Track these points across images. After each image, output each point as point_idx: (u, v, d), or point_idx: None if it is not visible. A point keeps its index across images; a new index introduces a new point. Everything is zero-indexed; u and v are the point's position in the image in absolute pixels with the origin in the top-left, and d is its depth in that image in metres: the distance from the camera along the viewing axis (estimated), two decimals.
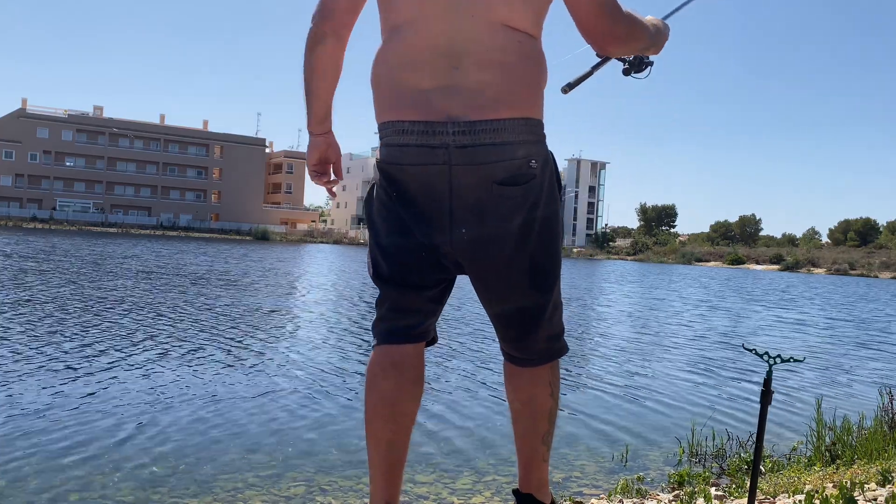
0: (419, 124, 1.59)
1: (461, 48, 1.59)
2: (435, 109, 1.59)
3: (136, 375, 6.11)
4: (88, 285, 13.87)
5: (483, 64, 1.59)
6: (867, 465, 3.70)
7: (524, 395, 1.84)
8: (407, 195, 1.65)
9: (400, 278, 1.72)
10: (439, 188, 1.61)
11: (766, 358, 2.12)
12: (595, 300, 19.80)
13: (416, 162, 1.61)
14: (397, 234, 1.69)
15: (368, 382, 1.74)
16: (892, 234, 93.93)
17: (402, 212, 1.66)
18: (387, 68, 1.66)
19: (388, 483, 1.73)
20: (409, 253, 1.69)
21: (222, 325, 9.64)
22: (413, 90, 1.61)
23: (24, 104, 79.70)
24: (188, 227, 79.60)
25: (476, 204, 1.61)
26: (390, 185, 1.67)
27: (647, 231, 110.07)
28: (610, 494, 3.63)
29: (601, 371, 7.92)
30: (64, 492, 3.46)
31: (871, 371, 9.15)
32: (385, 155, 1.66)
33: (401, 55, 1.63)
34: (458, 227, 1.63)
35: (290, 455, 4.23)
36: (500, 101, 1.59)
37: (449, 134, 1.58)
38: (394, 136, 1.63)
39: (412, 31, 1.61)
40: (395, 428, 1.72)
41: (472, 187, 1.60)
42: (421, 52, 1.61)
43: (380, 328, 1.77)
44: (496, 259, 1.67)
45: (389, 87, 1.65)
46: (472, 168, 1.59)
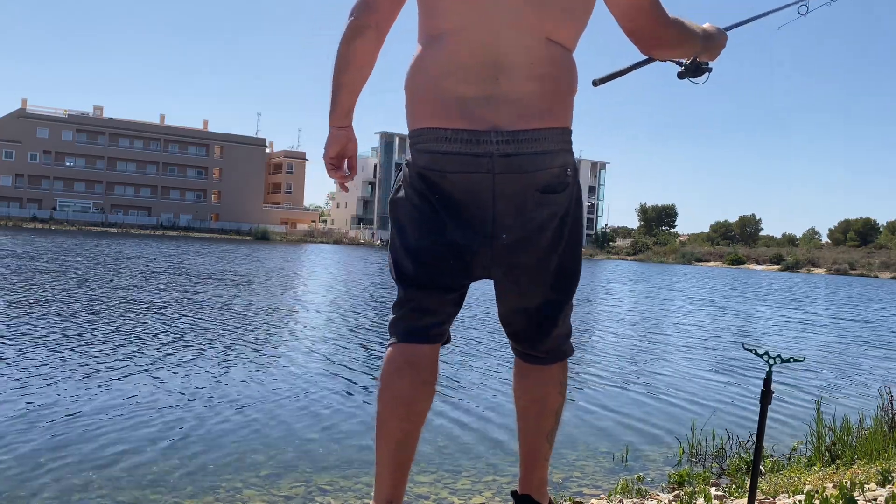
0: (462, 133, 1.62)
1: (505, 59, 1.63)
2: (478, 118, 1.62)
3: (136, 375, 6.11)
4: (104, 286, 13.88)
5: (526, 76, 1.63)
6: (867, 465, 3.70)
7: (535, 393, 1.88)
8: (448, 201, 1.67)
9: (426, 280, 1.73)
10: (483, 195, 1.65)
11: (766, 358, 2.12)
12: (595, 300, 19.79)
13: (459, 169, 1.64)
14: (428, 237, 1.70)
15: (384, 381, 1.74)
16: (892, 234, 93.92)
17: (442, 216, 1.68)
18: (427, 76, 1.67)
19: (395, 482, 1.74)
20: (438, 256, 1.70)
21: (224, 326, 9.64)
22: (456, 99, 1.63)
23: (24, 104, 79.70)
24: (188, 227, 79.59)
25: (518, 211, 1.66)
26: (430, 190, 1.68)
27: (647, 231, 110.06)
28: (610, 494, 3.63)
29: (601, 371, 7.92)
30: (64, 492, 3.46)
31: (871, 371, 9.15)
32: (425, 161, 1.67)
33: (443, 63, 1.64)
34: (500, 233, 1.68)
35: (290, 455, 4.23)
36: (541, 111, 1.65)
37: (492, 143, 1.62)
38: (435, 143, 1.65)
39: (456, 40, 1.63)
40: (407, 427, 1.73)
41: (514, 195, 1.65)
42: (465, 61, 1.63)
43: (398, 327, 1.77)
44: (530, 262, 1.73)
45: (430, 95, 1.66)
46: (516, 176, 1.64)
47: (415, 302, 1.75)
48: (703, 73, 2.01)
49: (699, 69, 2.00)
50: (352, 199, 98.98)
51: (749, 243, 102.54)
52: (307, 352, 8.05)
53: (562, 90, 1.68)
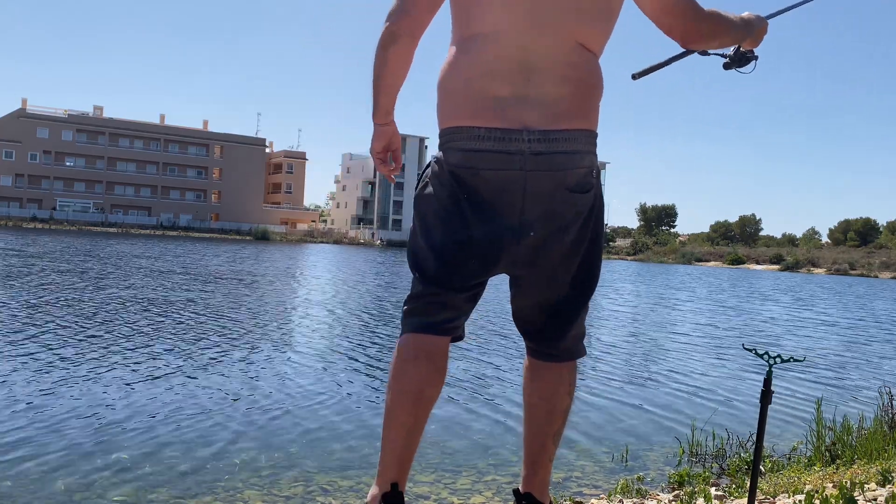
0: (496, 131, 1.66)
1: (538, 62, 1.68)
2: (511, 118, 1.67)
3: (136, 375, 6.11)
4: (115, 285, 13.88)
5: (558, 79, 1.69)
6: (867, 465, 3.70)
7: (545, 391, 1.92)
8: (478, 198, 1.70)
9: (446, 278, 1.76)
10: (514, 193, 1.69)
11: (766, 358, 2.12)
12: (595, 300, 19.80)
13: (492, 167, 1.68)
14: (453, 236, 1.73)
15: (396, 368, 1.77)
16: (892, 234, 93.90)
17: (470, 214, 1.71)
18: (461, 76, 1.71)
19: (401, 465, 1.78)
20: (462, 255, 1.73)
21: (224, 326, 9.64)
22: (490, 99, 1.67)
23: (24, 104, 79.71)
24: (188, 227, 79.58)
25: (547, 209, 1.71)
26: (460, 188, 1.71)
27: (647, 231, 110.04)
28: (610, 494, 3.63)
29: (601, 371, 7.92)
30: (64, 491, 3.46)
31: (872, 371, 9.15)
32: (457, 159, 1.71)
33: (480, 64, 1.69)
34: (528, 230, 1.71)
35: (290, 455, 4.23)
36: (571, 113, 1.70)
37: (524, 141, 1.67)
38: (468, 142, 1.68)
39: (493, 42, 1.68)
40: (418, 413, 1.76)
41: (544, 193, 1.70)
42: (501, 63, 1.68)
43: (413, 319, 1.80)
44: (555, 260, 1.78)
45: (464, 95, 1.70)
46: (546, 174, 1.69)
47: (432, 297, 1.78)
48: (749, 62, 2.03)
49: (744, 58, 2.02)
50: (352, 199, 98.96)
51: (749, 243, 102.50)
52: (307, 352, 8.05)
53: (591, 94, 1.74)
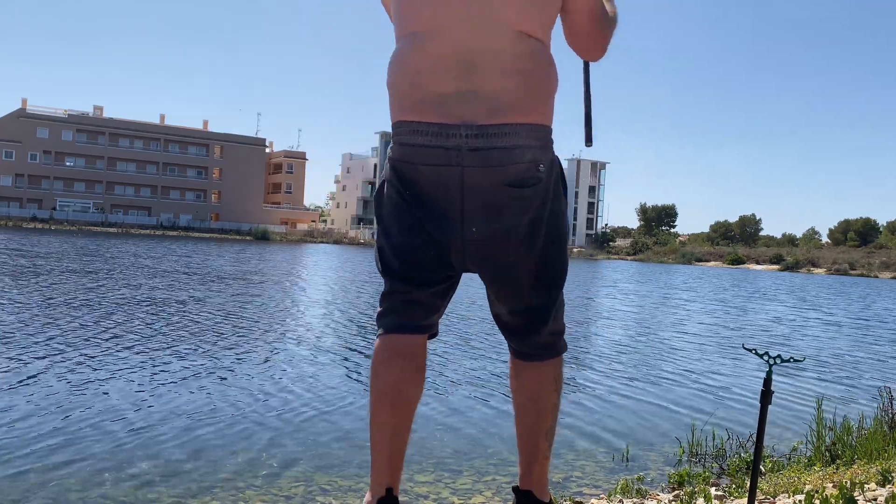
0: (434, 126, 1.66)
1: (480, 55, 1.67)
2: (450, 113, 1.66)
3: (136, 375, 6.11)
4: (117, 286, 13.88)
5: (501, 71, 1.67)
6: (867, 465, 3.70)
7: (530, 390, 1.89)
8: (420, 194, 1.71)
9: (409, 275, 1.76)
10: (452, 188, 1.68)
11: (766, 358, 2.12)
12: (596, 300, 19.81)
13: (429, 162, 1.68)
14: (408, 233, 1.73)
15: (374, 370, 1.77)
16: (892, 234, 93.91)
17: (415, 210, 1.72)
18: (406, 72, 1.72)
19: (392, 468, 1.77)
20: (419, 251, 1.74)
21: (226, 325, 9.64)
22: (432, 94, 1.68)
23: (24, 104, 79.68)
24: (188, 227, 79.55)
25: (486, 204, 1.68)
26: (402, 184, 1.73)
27: (647, 231, 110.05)
28: (610, 494, 3.63)
29: (601, 371, 7.92)
30: (64, 491, 3.46)
31: (872, 370, 9.15)
32: (399, 153, 1.73)
33: (421, 60, 1.70)
34: (469, 227, 1.70)
35: (290, 455, 4.23)
36: (514, 106, 1.67)
37: (462, 136, 1.65)
38: (408, 136, 1.70)
39: (433, 38, 1.69)
40: (400, 413, 1.75)
41: (482, 188, 1.68)
42: (441, 58, 1.68)
43: (386, 319, 1.80)
44: (505, 258, 1.75)
45: (408, 90, 1.71)
46: (484, 170, 1.66)
47: (401, 294, 1.79)
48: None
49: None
50: (352, 199, 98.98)
51: (749, 243, 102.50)
52: (308, 351, 8.05)
53: (537, 86, 1.70)
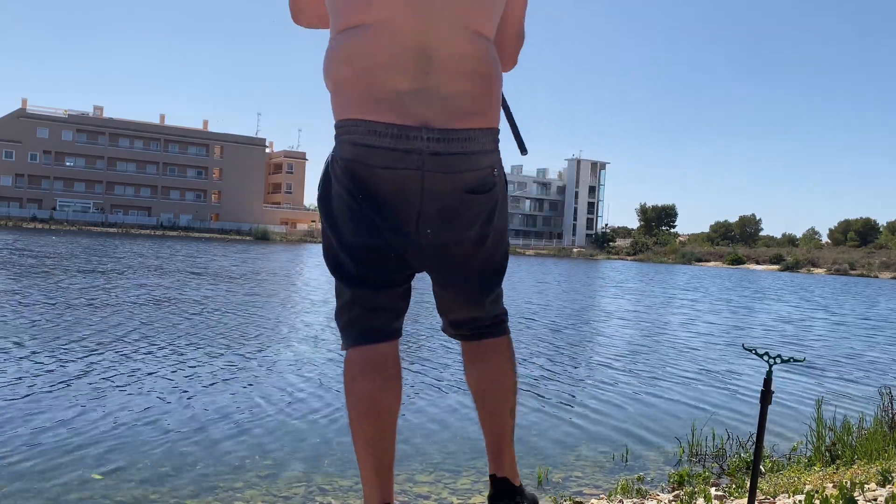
0: (393, 127, 1.58)
1: (436, 52, 1.60)
2: (409, 113, 1.59)
3: (137, 374, 6.11)
4: (128, 285, 13.88)
5: (458, 72, 1.62)
6: (867, 465, 3.70)
7: (492, 372, 1.87)
8: (374, 195, 1.63)
9: (371, 277, 1.70)
10: (410, 192, 1.62)
11: (766, 358, 2.12)
12: (596, 300, 19.80)
13: (387, 165, 1.60)
14: (366, 234, 1.66)
15: (348, 385, 1.71)
16: (892, 234, 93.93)
17: (368, 211, 1.64)
18: (355, 66, 1.62)
19: (383, 482, 1.73)
20: (378, 252, 1.68)
21: (227, 325, 9.64)
22: (387, 91, 1.59)
23: (24, 104, 79.69)
24: (188, 227, 79.55)
25: (444, 208, 1.66)
26: (355, 184, 1.64)
27: (647, 231, 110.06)
28: (610, 494, 3.63)
29: (601, 371, 7.92)
30: (64, 491, 3.46)
31: (872, 370, 9.15)
32: (352, 153, 1.62)
33: (373, 54, 1.60)
34: (425, 229, 1.67)
35: (290, 455, 4.23)
36: (472, 111, 1.64)
37: (423, 140, 1.59)
38: (364, 136, 1.60)
39: (386, 30, 1.60)
40: (381, 426, 1.71)
41: (441, 193, 1.64)
42: (398, 52, 1.59)
43: (352, 330, 1.73)
44: (457, 258, 1.75)
45: (359, 86, 1.61)
46: (444, 175, 1.63)
47: (363, 301, 1.72)
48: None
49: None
50: None
51: (749, 243, 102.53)
52: (308, 351, 8.05)
53: (491, 89, 1.68)
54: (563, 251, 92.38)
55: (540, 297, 18.57)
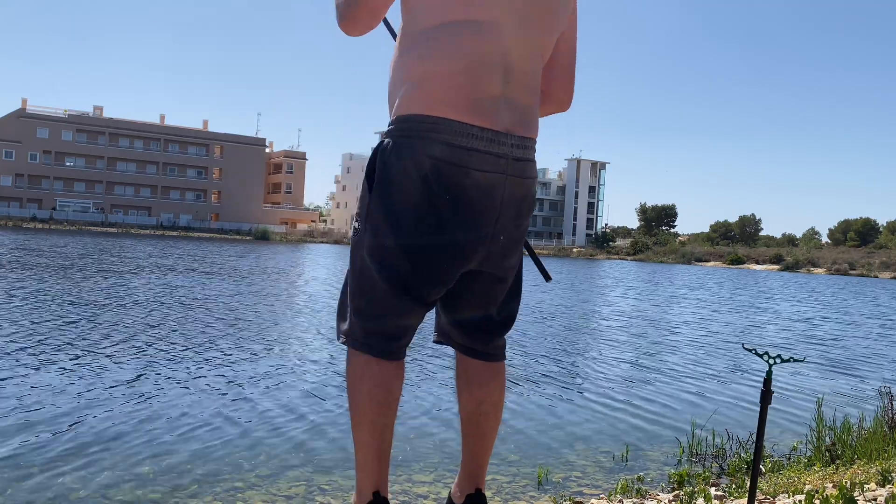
0: (488, 132, 1.62)
1: (517, 64, 1.66)
2: (499, 118, 1.64)
3: (137, 373, 6.11)
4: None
5: (527, 86, 1.70)
6: (867, 465, 3.70)
7: (496, 396, 1.91)
8: (463, 197, 1.62)
9: (417, 279, 1.66)
10: (495, 196, 1.65)
11: (766, 358, 2.12)
12: (596, 300, 19.80)
13: (482, 168, 1.62)
14: (431, 232, 1.63)
15: (360, 371, 1.71)
16: (892, 234, 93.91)
17: (449, 212, 1.62)
18: (453, 61, 1.60)
19: (381, 468, 1.76)
20: (440, 249, 1.65)
21: (229, 325, 9.64)
22: (483, 94, 1.62)
23: (24, 104, 79.67)
24: (188, 227, 79.54)
25: (515, 214, 1.72)
26: (441, 184, 1.60)
27: (647, 231, 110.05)
28: (610, 494, 3.64)
29: (601, 371, 7.92)
30: (64, 491, 3.46)
31: (872, 370, 9.15)
32: (446, 154, 1.59)
33: (465, 55, 1.60)
34: (499, 234, 1.70)
35: (290, 455, 4.23)
36: (534, 122, 1.73)
37: (509, 146, 1.65)
38: (459, 138, 1.59)
39: (490, 31, 1.62)
40: (392, 413, 1.74)
41: (516, 198, 1.71)
42: (493, 55, 1.62)
43: (375, 343, 1.70)
44: (513, 264, 1.80)
45: (449, 84, 1.60)
46: (521, 181, 1.71)
47: (398, 318, 1.70)
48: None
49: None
50: (351, 200, 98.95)
51: (749, 243, 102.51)
52: (309, 351, 8.05)
53: (538, 107, 1.78)
54: (562, 251, 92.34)
55: (540, 297, 18.58)
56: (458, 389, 1.93)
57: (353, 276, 1.74)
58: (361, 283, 1.70)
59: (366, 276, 1.69)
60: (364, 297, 1.71)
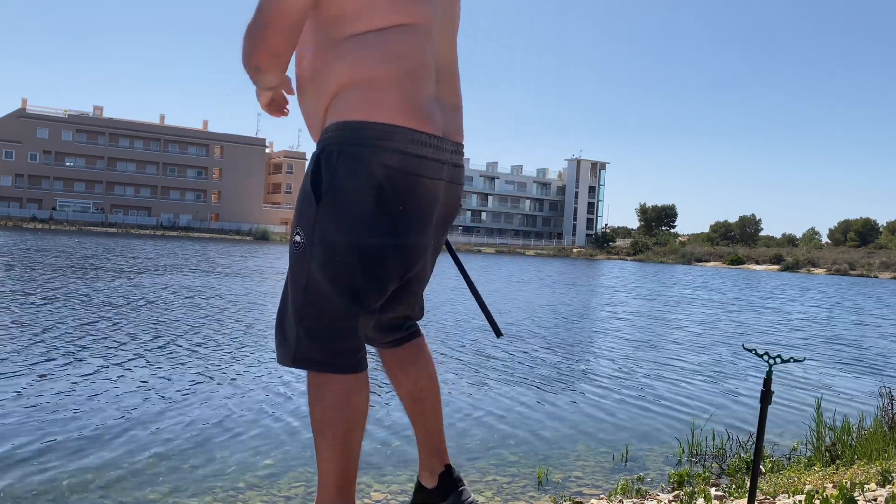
0: (433, 138, 1.58)
1: (442, 66, 1.66)
2: (436, 123, 1.59)
3: (138, 373, 6.11)
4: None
5: (452, 87, 1.69)
6: (867, 465, 3.70)
7: (429, 369, 1.91)
8: (413, 205, 1.58)
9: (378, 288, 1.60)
10: (436, 202, 1.64)
11: (766, 358, 2.12)
12: (596, 300, 19.80)
13: (430, 175, 1.58)
14: (389, 239, 1.58)
15: (342, 400, 1.59)
16: (892, 234, 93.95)
17: (401, 220, 1.57)
18: (399, 66, 1.55)
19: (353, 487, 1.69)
20: (398, 260, 1.60)
21: (230, 324, 9.64)
22: (421, 99, 1.57)
23: (24, 104, 79.67)
24: (188, 228, 79.53)
25: (446, 216, 1.72)
26: (397, 192, 1.54)
27: (647, 231, 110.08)
28: (610, 494, 3.64)
29: (601, 371, 7.92)
30: (63, 491, 3.46)
31: (874, 370, 9.15)
32: (400, 162, 1.53)
33: (416, 56, 1.57)
34: (433, 234, 1.70)
35: (290, 455, 4.23)
36: (461, 125, 1.72)
37: (448, 152, 1.63)
38: (411, 146, 1.54)
39: (426, 34, 1.59)
40: (361, 431, 1.67)
41: (451, 204, 1.71)
42: (425, 60, 1.58)
43: (337, 358, 1.59)
44: (433, 258, 1.80)
45: (402, 88, 1.55)
46: (456, 187, 1.71)
47: (352, 329, 1.59)
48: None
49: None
50: None
51: (749, 243, 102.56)
52: None
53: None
54: (562, 251, 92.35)
55: (540, 296, 18.58)
56: (391, 378, 1.92)
57: (298, 294, 1.58)
58: (311, 300, 1.57)
59: (315, 291, 1.56)
60: (316, 315, 1.58)
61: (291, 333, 1.60)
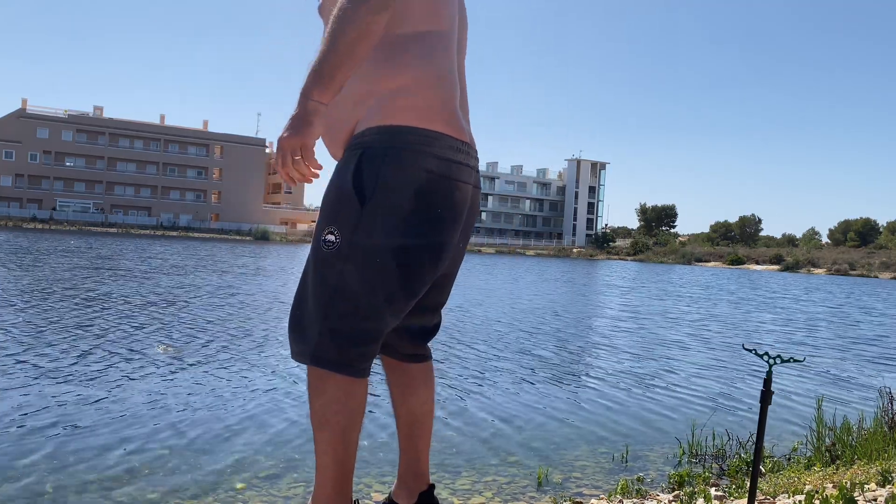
0: (465, 145, 1.67)
1: (461, 75, 1.74)
2: (466, 131, 1.69)
3: (138, 373, 6.11)
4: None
5: (465, 93, 1.78)
6: (867, 465, 3.70)
7: (431, 396, 1.93)
8: (450, 210, 1.63)
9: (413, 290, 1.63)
10: (465, 207, 1.70)
11: (766, 358, 2.13)
12: (596, 300, 19.80)
13: (464, 180, 1.66)
14: (429, 238, 1.61)
15: (344, 397, 1.61)
16: (892, 234, 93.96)
17: (438, 222, 1.60)
18: (438, 69, 1.59)
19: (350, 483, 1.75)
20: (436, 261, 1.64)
21: (230, 324, 9.64)
22: (455, 106, 1.65)
23: (24, 104, 79.71)
24: (188, 228, 79.54)
25: (469, 223, 1.77)
26: (435, 197, 1.57)
27: (647, 231, 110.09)
28: (610, 495, 3.64)
29: (601, 371, 7.92)
30: (63, 492, 3.45)
31: (872, 370, 9.15)
32: (441, 168, 1.57)
33: (440, 66, 1.61)
34: (461, 237, 1.76)
35: (290, 455, 4.23)
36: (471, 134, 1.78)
37: (474, 158, 1.72)
38: (449, 152, 1.60)
39: (446, 42, 1.65)
40: (358, 431, 1.72)
41: (473, 208, 1.76)
42: (451, 68, 1.65)
43: (354, 361, 1.60)
44: (459, 262, 1.83)
45: (434, 97, 1.59)
46: (478, 191, 1.77)
47: (376, 333, 1.61)
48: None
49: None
50: None
51: (749, 243, 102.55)
52: None
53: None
54: (562, 251, 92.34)
55: (540, 296, 18.59)
56: (397, 397, 1.89)
57: (324, 293, 1.57)
58: (340, 299, 1.56)
59: (347, 290, 1.56)
60: (342, 315, 1.57)
61: (312, 331, 1.59)
